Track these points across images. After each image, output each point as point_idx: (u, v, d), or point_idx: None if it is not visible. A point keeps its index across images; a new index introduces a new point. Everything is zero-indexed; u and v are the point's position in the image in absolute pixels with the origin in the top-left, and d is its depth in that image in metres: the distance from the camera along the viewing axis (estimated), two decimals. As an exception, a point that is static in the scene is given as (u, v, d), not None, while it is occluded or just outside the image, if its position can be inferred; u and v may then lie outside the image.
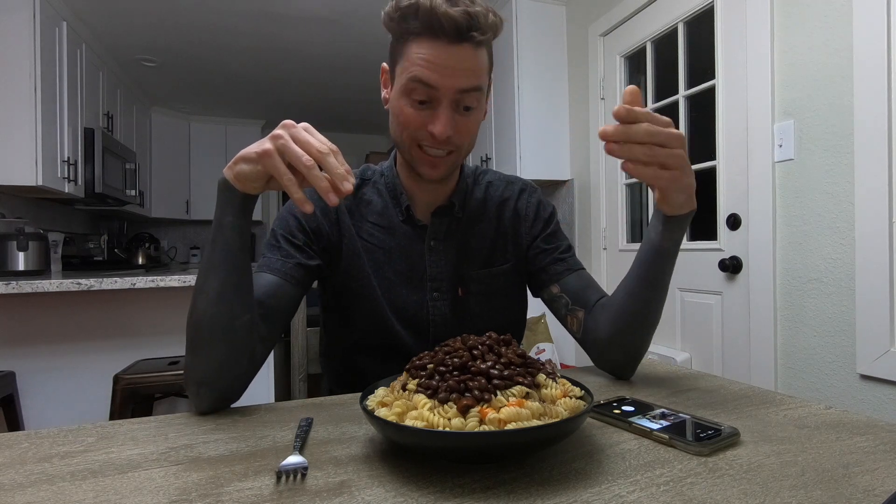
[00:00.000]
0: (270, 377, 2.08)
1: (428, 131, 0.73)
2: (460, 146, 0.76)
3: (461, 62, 0.70)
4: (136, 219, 4.75)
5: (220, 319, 0.62)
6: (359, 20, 3.13)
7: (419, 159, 0.77)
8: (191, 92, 4.47)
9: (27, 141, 2.53)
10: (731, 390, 0.69)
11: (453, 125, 0.73)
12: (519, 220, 0.90)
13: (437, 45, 0.69)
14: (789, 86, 1.58)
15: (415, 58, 0.70)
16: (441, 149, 0.75)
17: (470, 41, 0.70)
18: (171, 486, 0.43)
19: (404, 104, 0.74)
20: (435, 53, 0.69)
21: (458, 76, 0.70)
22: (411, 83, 0.71)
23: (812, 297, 1.52)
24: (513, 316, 0.92)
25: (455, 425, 0.43)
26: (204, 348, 0.62)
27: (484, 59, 0.74)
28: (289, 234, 0.80)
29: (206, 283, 0.63)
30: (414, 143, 0.76)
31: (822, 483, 0.42)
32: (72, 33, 2.91)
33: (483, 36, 0.70)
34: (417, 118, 0.73)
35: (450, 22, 0.67)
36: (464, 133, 0.75)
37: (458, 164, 0.80)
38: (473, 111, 0.75)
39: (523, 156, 2.59)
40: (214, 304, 0.62)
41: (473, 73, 0.72)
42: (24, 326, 1.88)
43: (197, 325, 0.63)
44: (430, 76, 0.70)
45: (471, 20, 0.68)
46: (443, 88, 0.70)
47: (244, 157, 0.60)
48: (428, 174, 0.78)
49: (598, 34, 2.45)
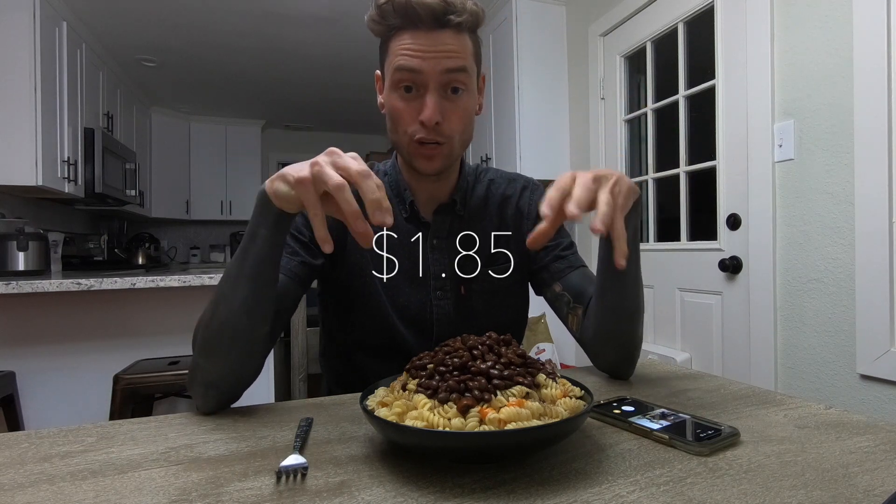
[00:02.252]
0: (270, 377, 2.08)
1: (419, 121, 0.73)
2: (452, 135, 0.76)
3: (442, 45, 0.71)
4: (136, 219, 4.75)
5: (242, 329, 0.62)
6: (358, 20, 3.13)
7: (415, 154, 0.77)
8: (191, 92, 4.47)
9: (27, 141, 2.53)
10: (731, 390, 0.69)
11: (441, 110, 0.73)
12: (521, 218, 0.90)
13: (417, 33, 0.71)
14: (789, 86, 1.58)
15: (397, 50, 0.72)
16: (433, 138, 0.75)
17: (448, 25, 0.71)
18: (171, 486, 0.43)
19: (394, 98, 0.74)
20: (415, 41, 0.71)
21: (440, 58, 0.71)
22: (397, 73, 0.72)
23: (812, 297, 1.52)
24: (515, 314, 0.92)
25: (455, 425, 0.43)
26: (220, 354, 0.62)
27: (466, 43, 0.75)
28: (294, 230, 0.79)
29: (233, 292, 0.62)
30: (409, 138, 0.76)
31: (822, 483, 0.42)
32: (72, 33, 2.91)
33: (460, 18, 0.71)
34: (408, 110, 0.74)
35: (425, 9, 0.70)
36: (454, 120, 0.75)
37: (454, 156, 0.79)
38: (462, 95, 0.75)
39: (523, 156, 2.59)
40: (238, 315, 0.61)
41: (456, 54, 0.73)
42: (24, 326, 1.88)
43: (217, 332, 0.62)
44: (413, 62, 0.71)
45: (446, 5, 0.70)
46: (427, 71, 0.71)
47: (284, 176, 0.57)
48: (424, 167, 0.77)
49: (598, 34, 2.45)
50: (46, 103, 2.62)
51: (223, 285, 0.63)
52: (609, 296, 0.73)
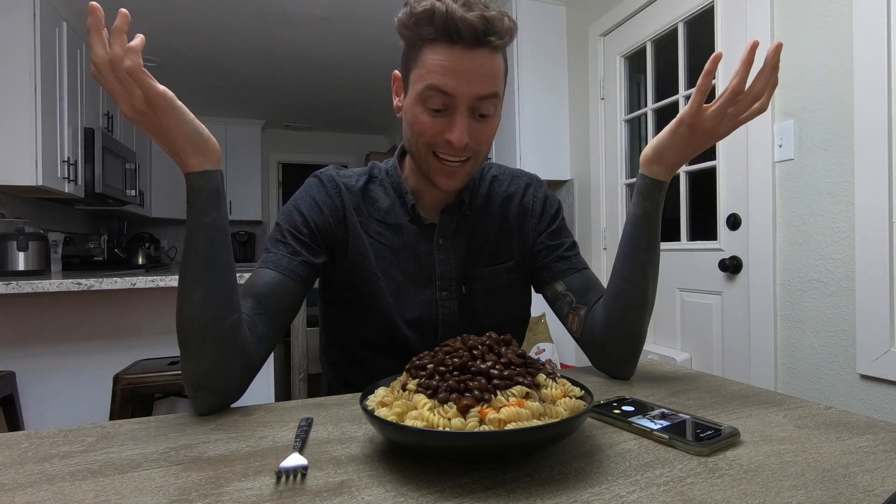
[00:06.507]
0: (270, 377, 2.08)
1: (445, 139, 0.71)
2: (477, 153, 0.75)
3: (479, 67, 0.69)
4: (136, 219, 4.75)
5: (207, 322, 0.61)
6: (358, 21, 3.13)
7: (435, 169, 0.75)
8: (191, 92, 4.47)
9: (27, 141, 2.53)
10: (731, 390, 0.69)
11: (470, 132, 0.71)
12: (525, 215, 0.89)
13: (453, 51, 0.68)
14: (789, 86, 1.58)
15: (431, 65, 0.69)
16: (458, 157, 0.74)
17: (487, 46, 0.68)
18: (171, 486, 0.43)
19: (420, 112, 0.72)
20: (452, 59, 0.68)
21: (475, 83, 0.69)
22: (427, 91, 0.70)
23: (812, 297, 1.52)
24: (517, 313, 0.92)
25: (455, 425, 0.43)
26: (194, 352, 0.61)
27: (500, 65, 0.72)
28: (294, 229, 0.78)
29: (190, 289, 0.61)
30: (429, 151, 0.74)
31: (822, 483, 0.42)
32: (72, 33, 2.91)
33: (500, 41, 0.69)
34: (433, 126, 0.72)
35: (467, 27, 0.66)
36: (481, 140, 0.74)
37: (473, 172, 0.79)
38: (490, 118, 0.74)
39: (523, 156, 2.59)
40: (200, 309, 0.60)
41: (491, 79, 0.70)
42: (24, 326, 1.88)
43: (185, 331, 0.61)
44: (448, 83, 0.68)
45: (488, 24, 0.67)
46: (460, 96, 0.69)
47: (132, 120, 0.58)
48: (444, 185, 0.76)
49: (598, 34, 2.45)
50: (46, 103, 2.62)
51: (180, 285, 0.62)
52: (622, 281, 0.74)
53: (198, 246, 0.61)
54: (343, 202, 0.83)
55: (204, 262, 0.61)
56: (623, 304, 0.75)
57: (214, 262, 0.61)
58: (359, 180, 0.86)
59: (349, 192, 0.84)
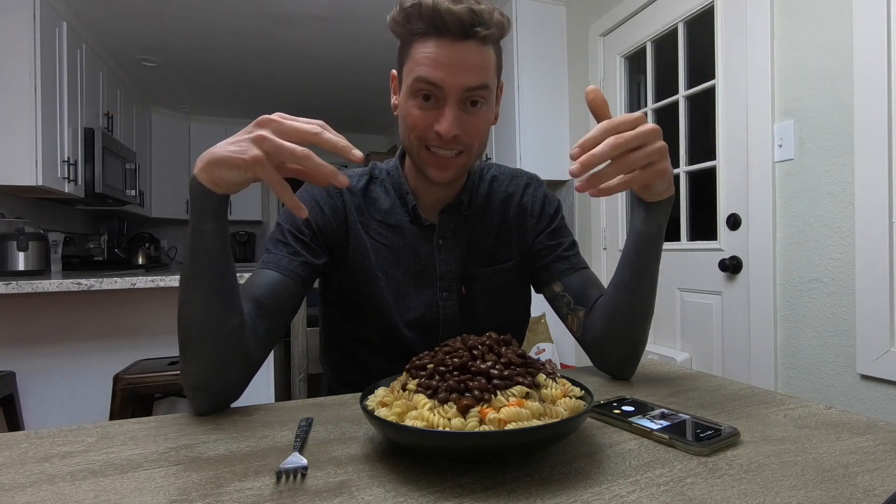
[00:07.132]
0: (270, 377, 2.08)
1: (434, 131, 0.72)
2: (469, 146, 0.75)
3: (467, 59, 0.69)
4: (136, 219, 4.75)
5: (208, 326, 0.60)
6: (358, 21, 3.13)
7: (427, 161, 0.76)
8: (191, 92, 4.47)
9: (27, 141, 2.53)
10: (731, 390, 0.69)
11: (459, 123, 0.72)
12: (525, 215, 0.89)
13: (441, 42, 0.69)
14: (789, 86, 1.58)
15: (419, 57, 0.70)
16: (448, 149, 0.74)
17: (474, 37, 0.69)
18: (171, 486, 0.43)
19: (411, 105, 0.73)
20: (439, 51, 0.69)
21: (463, 73, 0.69)
22: (417, 83, 0.70)
23: (812, 297, 1.52)
24: (517, 313, 0.92)
25: (455, 425, 0.43)
26: (195, 355, 0.61)
27: (490, 56, 0.73)
28: (295, 229, 0.78)
29: (190, 293, 0.60)
30: (421, 144, 0.75)
31: (822, 483, 0.42)
32: (72, 33, 2.91)
33: (487, 31, 0.69)
34: (424, 119, 0.72)
35: (453, 18, 0.67)
36: (472, 132, 0.74)
37: (467, 166, 0.79)
38: (481, 108, 0.74)
39: (523, 156, 2.59)
40: (201, 313, 0.60)
41: (480, 70, 0.71)
42: (24, 326, 1.88)
43: (185, 334, 0.61)
44: (435, 74, 0.69)
45: (475, 16, 0.68)
46: (448, 87, 0.70)
47: (225, 162, 0.54)
48: (436, 177, 0.76)
49: (598, 34, 2.45)
50: (46, 103, 2.62)
51: (181, 289, 0.61)
52: (624, 292, 0.73)
53: (198, 251, 0.60)
54: (344, 202, 0.83)
55: (205, 266, 0.60)
56: (628, 314, 0.73)
57: (215, 267, 0.61)
58: (360, 181, 0.86)
59: (350, 193, 0.84)
